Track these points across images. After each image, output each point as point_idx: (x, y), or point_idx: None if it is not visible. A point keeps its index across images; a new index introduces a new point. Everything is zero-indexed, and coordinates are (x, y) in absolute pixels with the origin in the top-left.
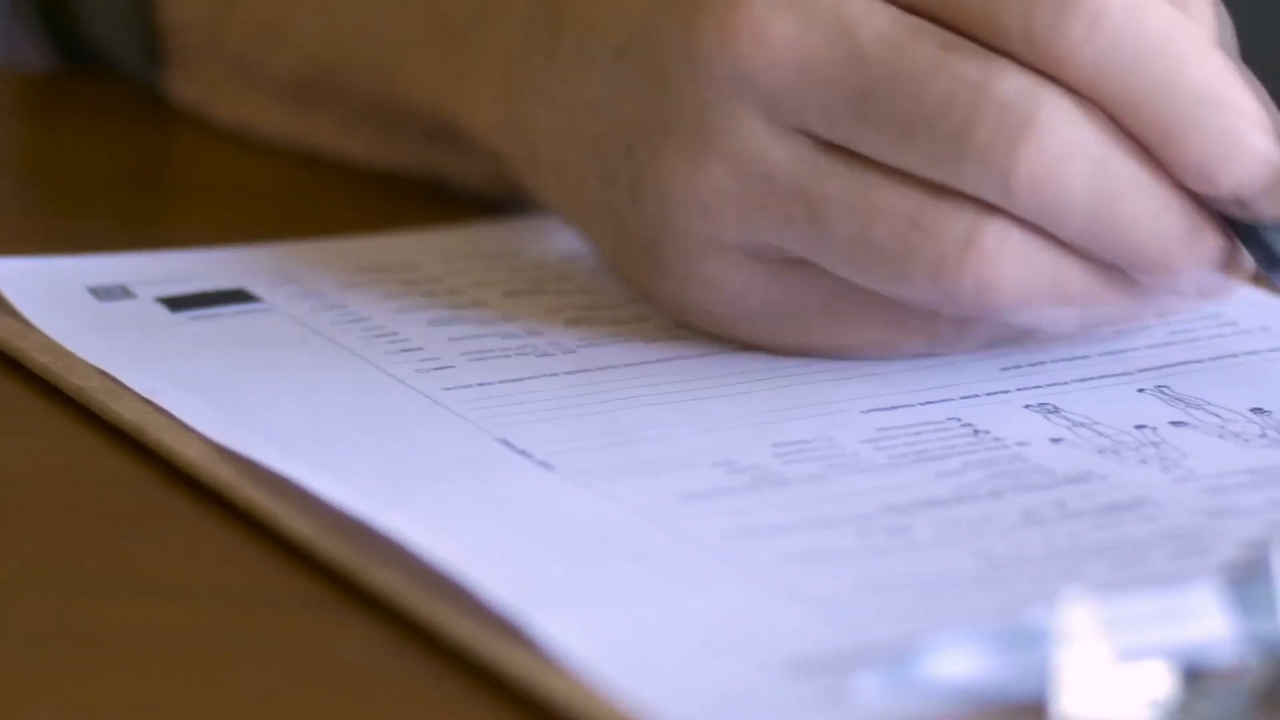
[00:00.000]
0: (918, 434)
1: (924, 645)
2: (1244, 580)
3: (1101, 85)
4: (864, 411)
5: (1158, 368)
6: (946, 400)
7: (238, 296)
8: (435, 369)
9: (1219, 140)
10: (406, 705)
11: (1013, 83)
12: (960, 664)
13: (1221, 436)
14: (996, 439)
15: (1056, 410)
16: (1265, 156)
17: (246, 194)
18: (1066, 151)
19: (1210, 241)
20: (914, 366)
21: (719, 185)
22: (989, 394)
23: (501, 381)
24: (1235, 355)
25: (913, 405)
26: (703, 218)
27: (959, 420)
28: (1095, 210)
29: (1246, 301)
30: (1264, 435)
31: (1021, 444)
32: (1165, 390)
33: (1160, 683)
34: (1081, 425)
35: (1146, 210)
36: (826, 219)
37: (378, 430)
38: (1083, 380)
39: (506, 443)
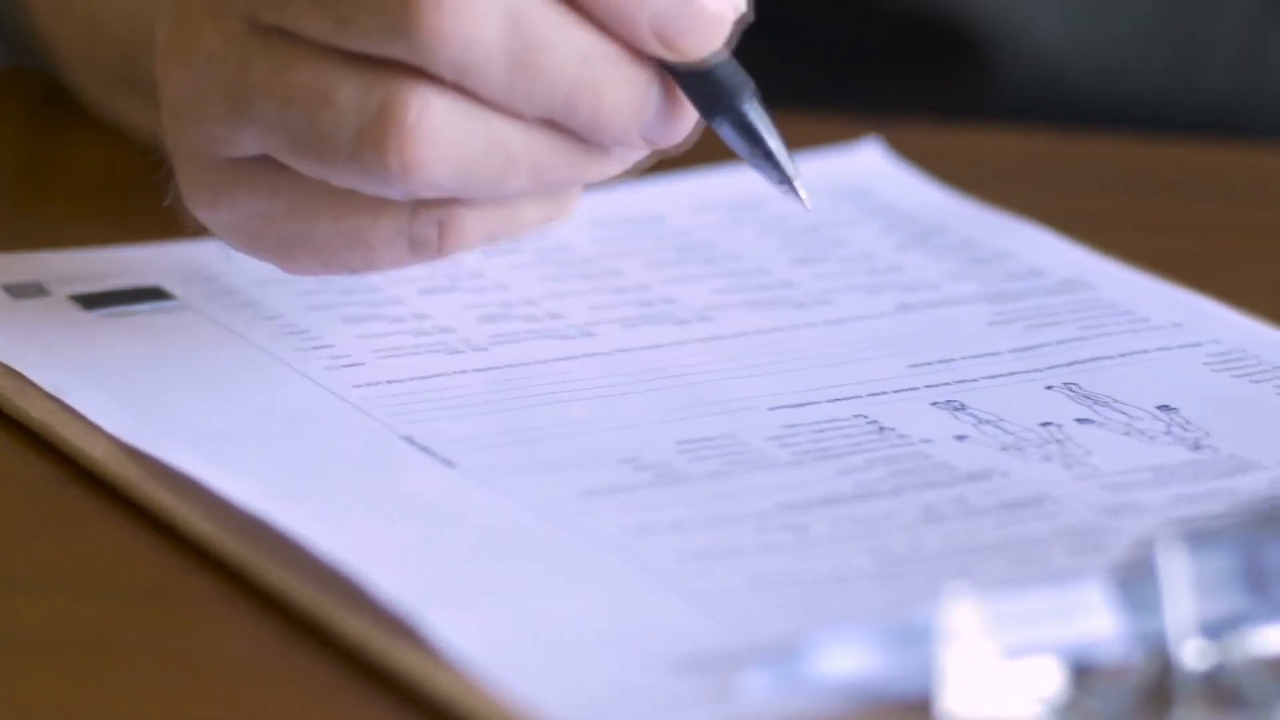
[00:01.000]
0: (822, 431)
1: (811, 642)
2: (1130, 579)
3: None
4: (771, 409)
5: (1067, 364)
6: (854, 397)
7: (152, 294)
8: (345, 366)
9: None
10: (296, 702)
11: None
12: (846, 661)
13: (1126, 434)
14: (901, 436)
15: (963, 407)
16: None
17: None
18: None
19: (645, 87)
20: (824, 364)
21: (177, 85)
22: (897, 391)
23: (411, 379)
24: (1146, 351)
25: (820, 402)
26: (171, 121)
27: (865, 417)
28: (513, 55)
29: (1160, 297)
30: (1169, 432)
31: (926, 441)
32: (1073, 387)
33: (1048, 680)
34: (987, 422)
35: (569, 56)
36: (254, 106)
37: (283, 427)
38: (992, 377)
39: (411, 440)
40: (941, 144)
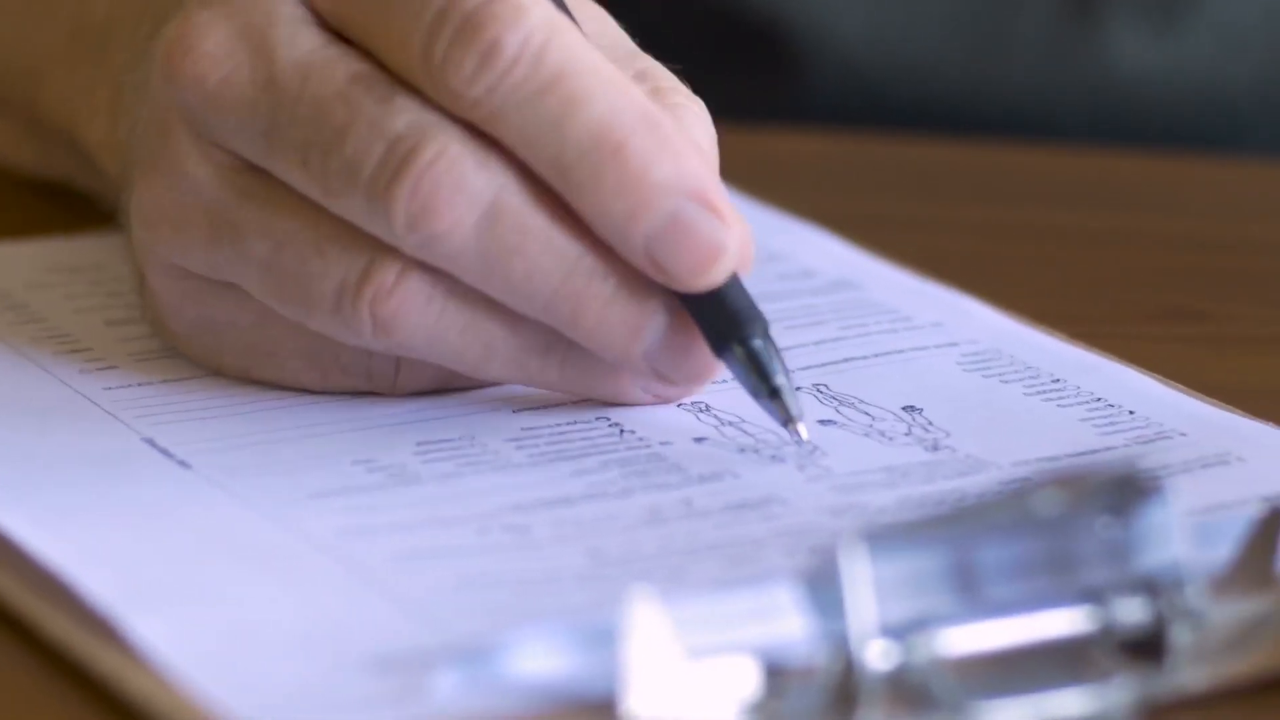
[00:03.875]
0: (562, 433)
1: (502, 641)
2: (817, 580)
3: (497, 124)
4: (515, 411)
5: (821, 365)
6: None
7: None
8: (99, 369)
9: (616, 189)
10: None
11: (404, 116)
12: (536, 661)
13: (866, 435)
14: (640, 438)
15: (708, 409)
16: (674, 213)
17: None
18: (447, 189)
19: (641, 308)
20: None
21: (156, 199)
22: None
23: (162, 381)
24: (901, 351)
25: (564, 404)
26: (145, 230)
27: (607, 419)
28: (486, 256)
29: (925, 297)
30: (909, 433)
31: (664, 443)
32: (822, 389)
33: (737, 681)
34: (730, 424)
35: (549, 265)
36: (242, 241)
37: (24, 430)
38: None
39: (151, 442)
40: (735, 145)
